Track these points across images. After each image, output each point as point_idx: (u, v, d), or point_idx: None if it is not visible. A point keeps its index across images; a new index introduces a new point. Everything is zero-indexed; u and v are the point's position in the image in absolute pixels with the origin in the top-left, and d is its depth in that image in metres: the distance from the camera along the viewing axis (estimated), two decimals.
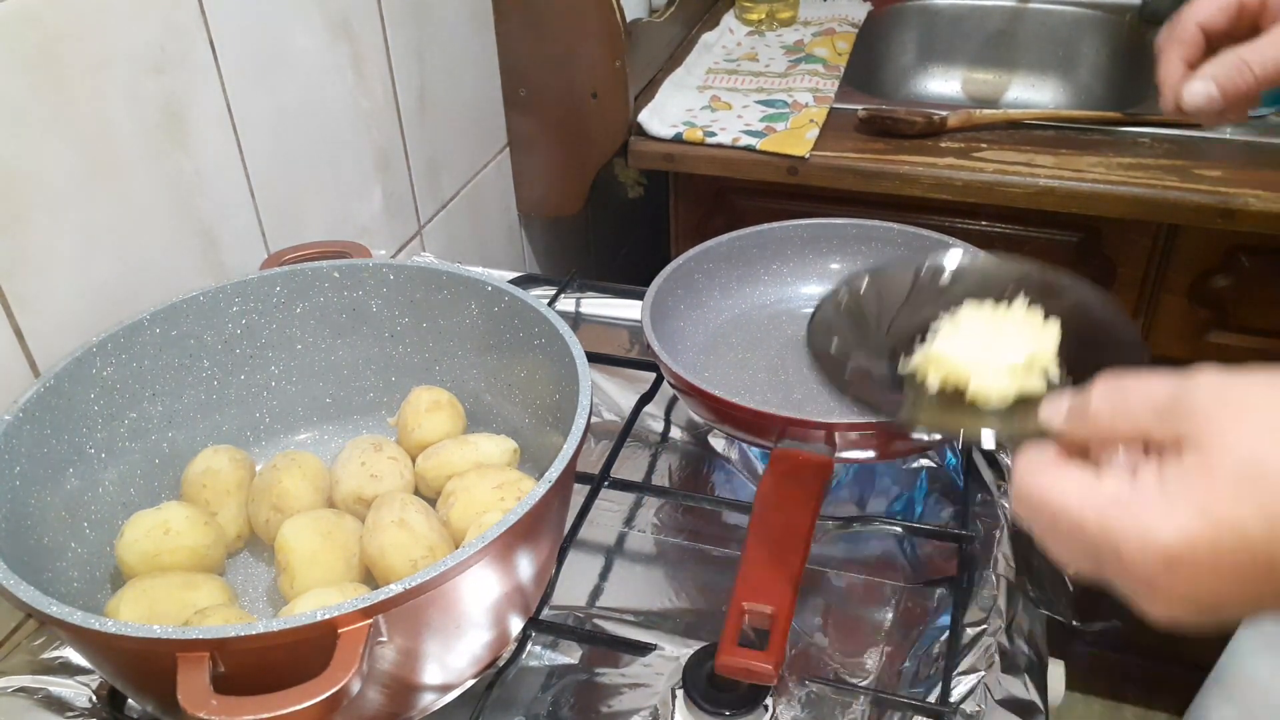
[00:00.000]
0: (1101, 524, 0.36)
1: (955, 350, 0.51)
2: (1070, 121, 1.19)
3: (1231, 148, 1.12)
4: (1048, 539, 0.40)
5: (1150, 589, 0.36)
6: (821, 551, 0.70)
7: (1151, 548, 0.35)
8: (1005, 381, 0.49)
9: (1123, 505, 0.36)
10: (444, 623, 0.51)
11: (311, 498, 0.64)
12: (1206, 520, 0.34)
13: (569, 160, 1.24)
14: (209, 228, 0.79)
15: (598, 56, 1.15)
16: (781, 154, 1.15)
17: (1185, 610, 0.37)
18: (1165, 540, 0.35)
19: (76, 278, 0.68)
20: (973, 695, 0.58)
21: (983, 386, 0.49)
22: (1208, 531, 0.34)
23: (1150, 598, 0.37)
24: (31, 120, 0.63)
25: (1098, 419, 0.39)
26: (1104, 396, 0.40)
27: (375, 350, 0.73)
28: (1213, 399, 0.36)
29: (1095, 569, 0.38)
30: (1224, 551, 0.34)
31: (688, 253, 0.81)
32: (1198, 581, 0.35)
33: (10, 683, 0.60)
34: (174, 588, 0.57)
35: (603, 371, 0.86)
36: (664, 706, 0.58)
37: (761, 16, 1.51)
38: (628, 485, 0.73)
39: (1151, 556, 0.35)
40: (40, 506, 0.57)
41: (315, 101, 0.89)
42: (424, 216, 1.10)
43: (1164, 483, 0.36)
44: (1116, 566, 0.37)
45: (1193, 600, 0.36)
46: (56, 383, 0.59)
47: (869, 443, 0.66)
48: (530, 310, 0.66)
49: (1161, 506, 0.35)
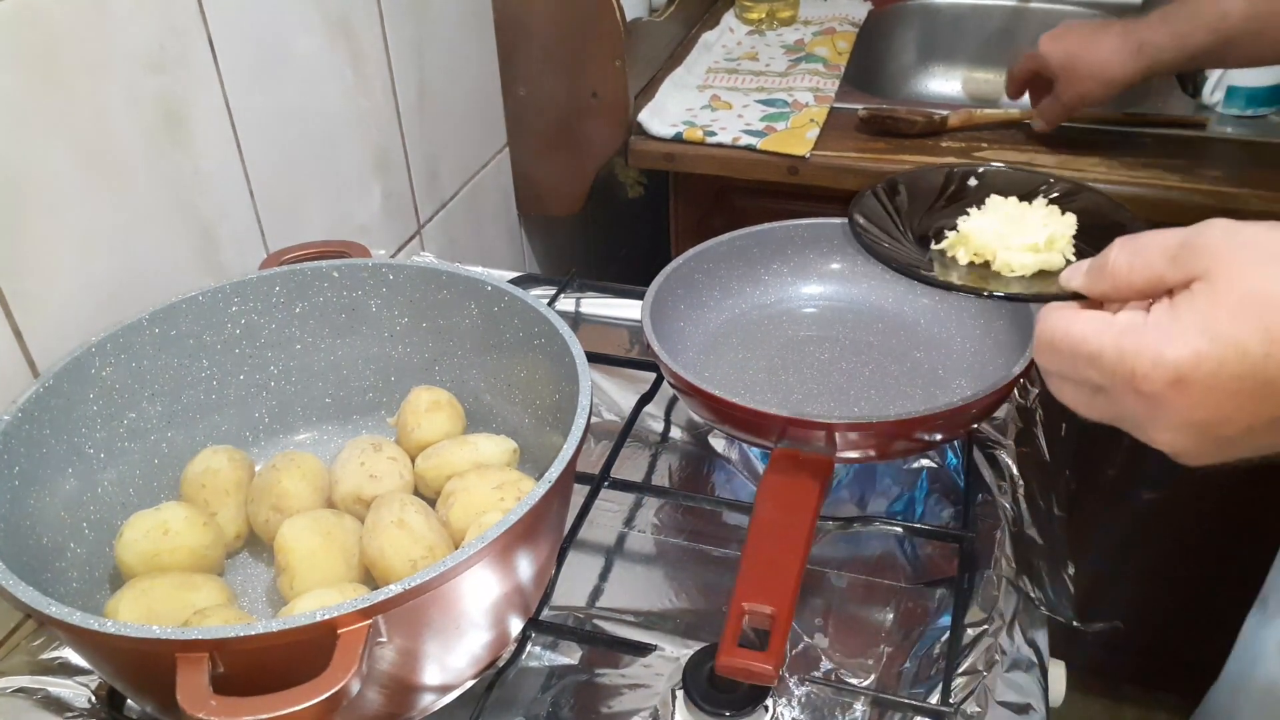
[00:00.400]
0: (1118, 348, 0.40)
1: (982, 230, 0.56)
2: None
3: (1231, 148, 1.12)
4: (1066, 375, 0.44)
5: (1159, 408, 0.40)
6: (821, 551, 0.70)
7: (1162, 366, 0.39)
8: (1028, 257, 0.54)
9: (1137, 331, 0.40)
10: (444, 623, 0.51)
11: (311, 498, 0.64)
12: (1212, 340, 0.38)
13: (569, 160, 1.24)
14: (209, 228, 0.79)
15: (598, 56, 1.15)
16: (782, 154, 1.15)
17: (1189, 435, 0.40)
18: (1174, 358, 0.38)
19: (76, 278, 0.68)
20: (973, 696, 0.58)
21: (1007, 259, 0.54)
22: (1213, 350, 0.38)
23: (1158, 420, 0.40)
24: (31, 120, 0.63)
25: (1115, 270, 0.42)
26: (1121, 250, 0.43)
27: (375, 350, 0.73)
28: (1222, 240, 0.40)
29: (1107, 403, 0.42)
30: (1227, 369, 0.38)
31: (688, 253, 0.81)
32: (1203, 399, 0.39)
33: (10, 683, 0.60)
34: (173, 588, 0.57)
35: (603, 371, 0.86)
36: (664, 707, 0.57)
37: (761, 16, 1.51)
38: (628, 485, 0.73)
39: (1162, 374, 0.39)
40: (39, 506, 0.57)
41: (315, 101, 0.89)
42: (423, 216, 1.10)
43: (1175, 311, 0.39)
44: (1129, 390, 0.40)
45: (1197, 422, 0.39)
46: (56, 383, 0.59)
47: (869, 443, 0.66)
48: (530, 310, 0.66)
49: (1172, 330, 0.39)
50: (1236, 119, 1.16)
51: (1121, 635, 1.40)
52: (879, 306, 0.84)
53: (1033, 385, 0.84)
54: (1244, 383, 0.38)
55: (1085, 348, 0.41)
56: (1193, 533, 1.32)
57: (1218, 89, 1.17)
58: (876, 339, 0.81)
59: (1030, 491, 0.75)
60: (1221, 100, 1.17)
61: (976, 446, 0.76)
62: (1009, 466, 0.75)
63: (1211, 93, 1.17)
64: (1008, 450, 0.76)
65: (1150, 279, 0.41)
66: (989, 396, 0.66)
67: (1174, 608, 1.39)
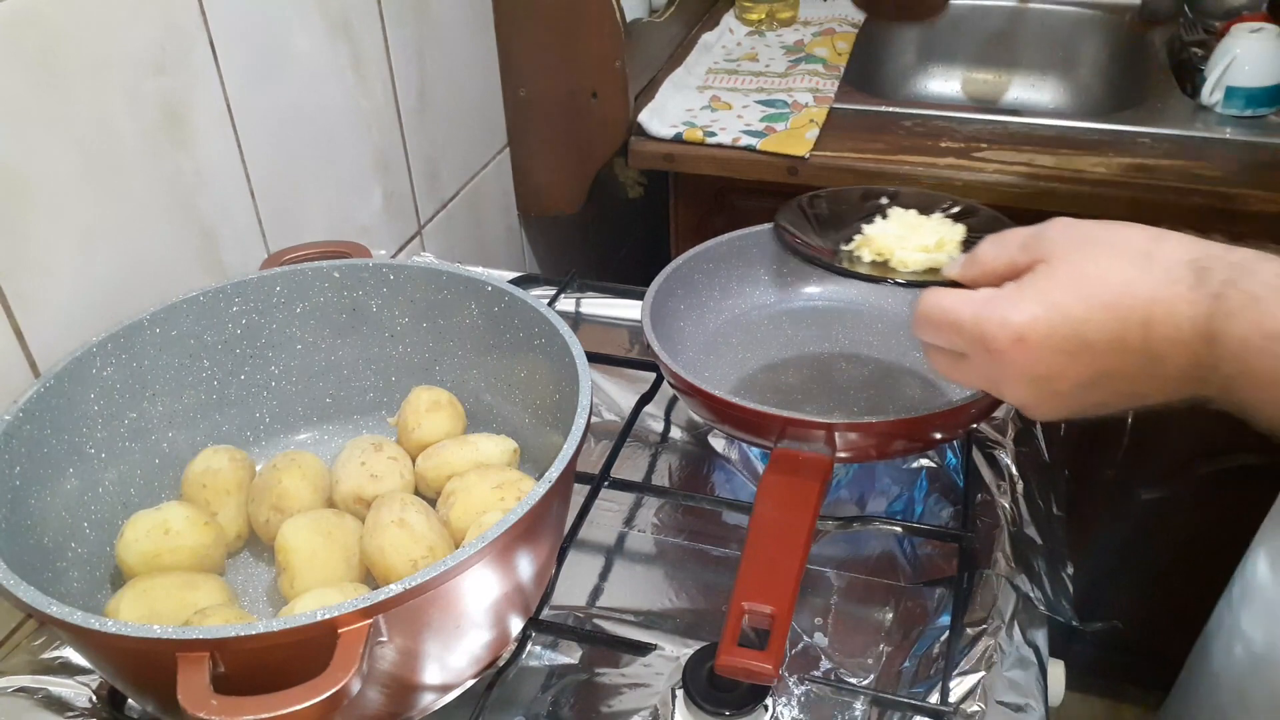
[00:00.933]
0: (974, 316, 0.49)
1: (884, 234, 0.65)
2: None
3: (1231, 148, 1.12)
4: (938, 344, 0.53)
5: (1006, 364, 0.48)
6: (821, 551, 0.70)
7: (1007, 327, 0.47)
8: (920, 255, 0.62)
9: (990, 302, 0.49)
10: (444, 623, 0.51)
11: (311, 498, 0.64)
12: (1046, 307, 0.47)
13: (569, 160, 1.24)
14: (209, 228, 0.79)
15: (598, 56, 1.15)
16: (781, 154, 1.15)
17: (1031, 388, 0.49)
18: (1016, 320, 0.47)
19: (76, 278, 0.68)
20: (973, 695, 0.58)
21: (903, 258, 0.63)
22: (1047, 314, 0.47)
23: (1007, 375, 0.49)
24: (31, 120, 0.63)
25: (983, 259, 0.53)
26: (988, 243, 0.53)
27: (375, 350, 0.73)
28: (1061, 232, 0.50)
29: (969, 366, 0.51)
30: (1057, 330, 0.46)
31: (688, 253, 0.81)
32: (1039, 356, 0.47)
33: (10, 683, 0.60)
34: (174, 588, 0.57)
35: (603, 371, 0.86)
36: (664, 706, 0.58)
37: (761, 16, 1.51)
38: (628, 485, 0.73)
39: (1007, 334, 0.47)
40: (40, 506, 0.57)
41: (315, 102, 0.89)
42: (424, 216, 1.10)
43: (1020, 286, 0.49)
44: (983, 350, 0.49)
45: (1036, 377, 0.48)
46: (56, 383, 0.59)
47: (869, 443, 0.66)
48: (530, 310, 0.66)
49: (1016, 299, 0.48)
50: (1236, 119, 1.16)
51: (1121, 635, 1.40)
52: (879, 306, 0.84)
53: None
54: (1069, 342, 0.46)
55: (950, 317, 0.50)
56: (1193, 533, 1.32)
57: (1217, 89, 1.17)
58: (876, 339, 0.82)
59: (1029, 491, 0.75)
60: (1221, 100, 1.17)
61: (976, 446, 0.76)
62: (1008, 466, 0.75)
63: (1211, 93, 1.17)
64: (1007, 450, 0.76)
65: (1008, 264, 0.51)
66: (988, 396, 0.66)
67: (1174, 608, 1.38)
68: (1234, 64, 1.15)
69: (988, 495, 0.73)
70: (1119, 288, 0.46)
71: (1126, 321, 0.45)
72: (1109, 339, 0.46)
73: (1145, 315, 0.45)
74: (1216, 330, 0.43)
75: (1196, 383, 0.45)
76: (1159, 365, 0.45)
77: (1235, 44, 1.16)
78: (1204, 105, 1.18)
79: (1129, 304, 0.45)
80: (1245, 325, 0.42)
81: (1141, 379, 0.46)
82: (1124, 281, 0.46)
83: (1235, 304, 0.43)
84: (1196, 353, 0.44)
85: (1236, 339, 0.43)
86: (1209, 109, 1.18)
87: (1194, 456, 1.26)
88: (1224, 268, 0.44)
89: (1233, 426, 0.47)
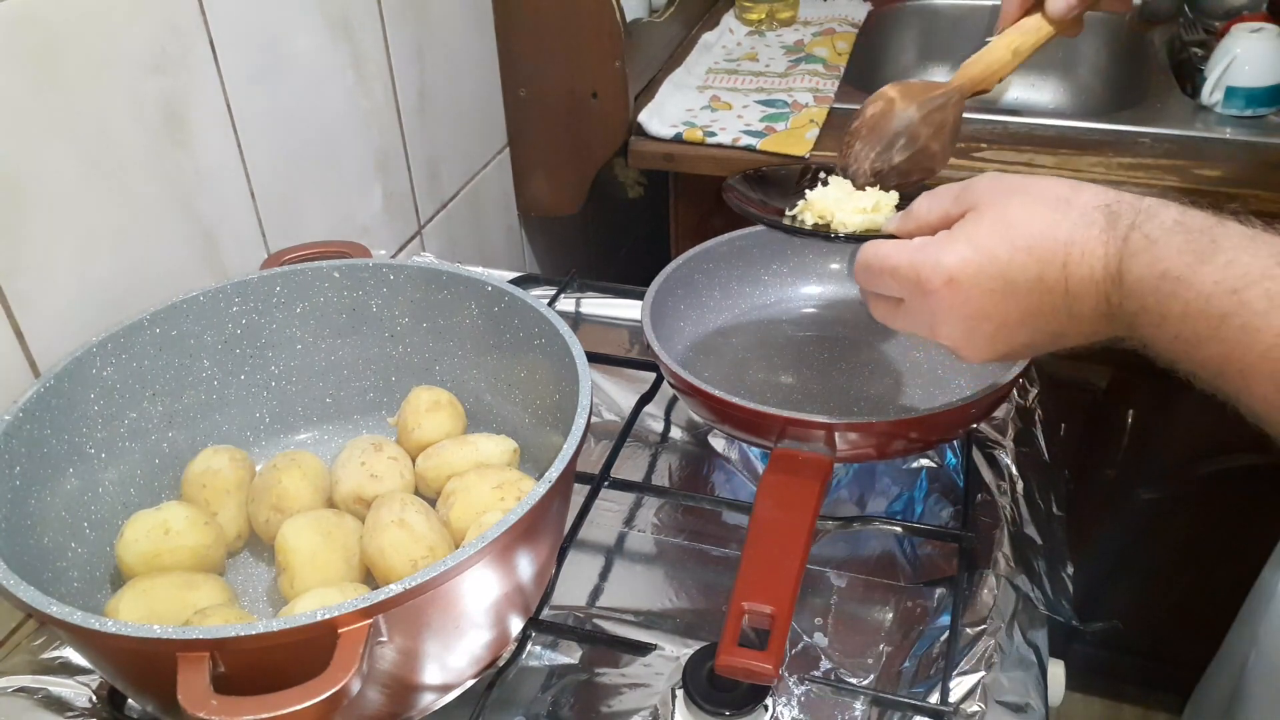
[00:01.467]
0: (910, 261, 0.52)
1: (824, 198, 0.66)
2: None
3: (1231, 148, 1.12)
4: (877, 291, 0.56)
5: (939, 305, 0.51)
6: (821, 551, 0.70)
7: (939, 269, 0.51)
8: (859, 217, 0.64)
9: (924, 247, 0.52)
10: (444, 623, 0.51)
11: (311, 498, 0.64)
12: (975, 250, 0.50)
13: (569, 160, 1.24)
14: (209, 228, 0.79)
15: (598, 56, 1.15)
16: (781, 154, 1.15)
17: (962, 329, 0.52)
18: (948, 262, 0.50)
19: (76, 278, 0.68)
20: (973, 695, 0.58)
21: (843, 219, 0.65)
22: (975, 256, 0.50)
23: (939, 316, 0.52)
24: (31, 120, 0.63)
25: (918, 212, 0.56)
26: (923, 197, 0.56)
27: (375, 350, 0.73)
28: (989, 183, 0.53)
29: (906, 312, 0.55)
30: (984, 270, 0.49)
31: (688, 253, 0.81)
32: (968, 296, 0.50)
33: (10, 683, 0.60)
34: (174, 588, 0.57)
35: (603, 371, 0.86)
36: (664, 706, 0.58)
37: (761, 16, 1.51)
38: (628, 485, 0.73)
39: (939, 275, 0.51)
40: (40, 506, 0.57)
41: (315, 101, 0.89)
42: (424, 216, 1.10)
43: (951, 232, 0.52)
44: (918, 292, 0.52)
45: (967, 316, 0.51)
46: (56, 383, 0.59)
47: (869, 443, 0.66)
48: (530, 310, 0.66)
49: (948, 244, 0.51)
50: (1236, 119, 1.16)
51: (1121, 635, 1.40)
52: None
53: (1032, 385, 0.84)
54: (996, 281, 0.49)
55: (888, 263, 0.53)
56: (1193, 533, 1.32)
57: (1217, 89, 1.17)
58: (876, 339, 0.82)
59: (1029, 491, 0.75)
60: (1221, 100, 1.17)
61: (976, 446, 0.76)
62: (1008, 466, 0.75)
63: (1211, 93, 1.17)
64: (1007, 450, 0.76)
65: (941, 215, 0.54)
66: (988, 397, 0.66)
67: (1173, 608, 1.39)
68: (1234, 64, 1.15)
69: (988, 495, 0.73)
70: (1040, 231, 0.49)
71: (1046, 262, 0.48)
72: (1031, 279, 0.48)
73: (1064, 256, 0.48)
74: (1123, 270, 0.46)
75: (1107, 320, 0.48)
76: (1076, 304, 0.48)
77: (1235, 44, 1.16)
78: (1204, 105, 1.18)
79: (1049, 246, 0.48)
80: (1143, 265, 0.45)
81: (1061, 318, 0.49)
82: (1045, 225, 0.49)
83: (1137, 245, 0.46)
84: (1107, 292, 0.47)
85: (1136, 278, 0.46)
86: (1209, 109, 1.18)
87: (1194, 456, 1.25)
88: (1131, 212, 0.47)
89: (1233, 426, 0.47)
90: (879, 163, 0.66)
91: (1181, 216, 0.46)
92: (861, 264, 0.56)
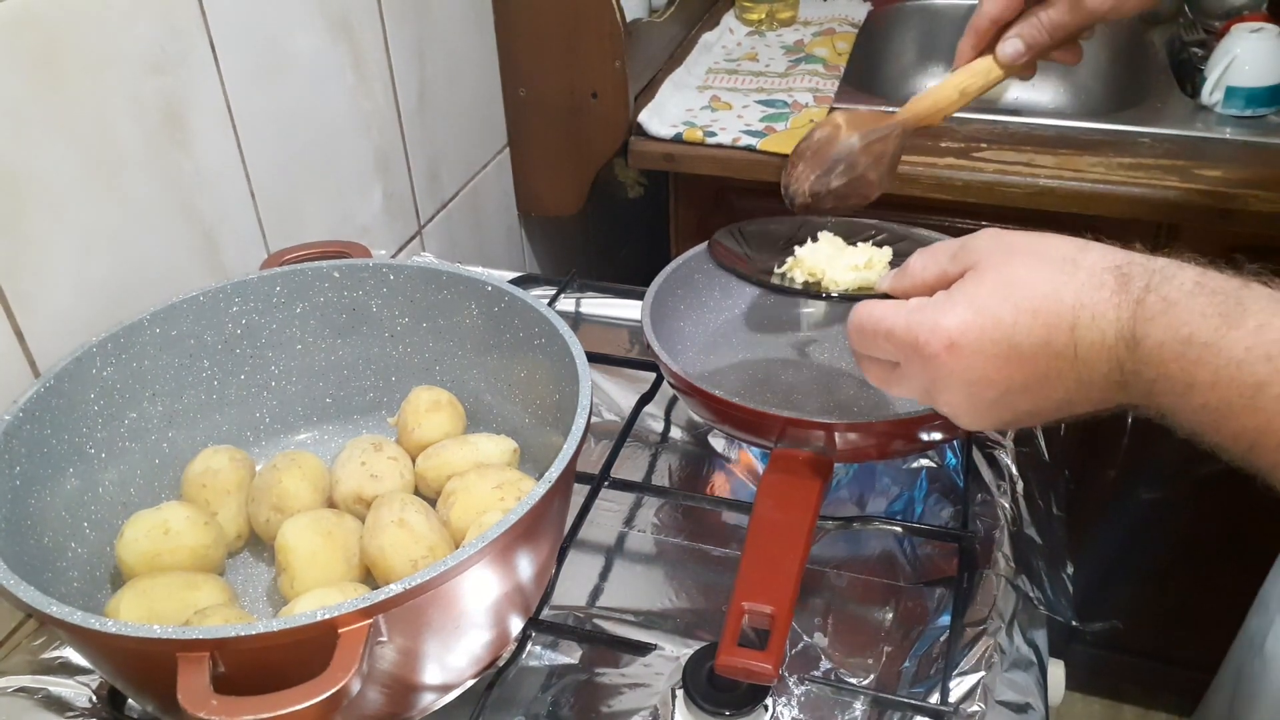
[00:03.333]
0: (906, 323, 0.49)
1: (814, 254, 0.66)
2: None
3: (1231, 148, 1.12)
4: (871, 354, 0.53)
5: (939, 371, 0.48)
6: (821, 551, 0.70)
7: (938, 333, 0.48)
8: (850, 275, 0.64)
9: (921, 309, 0.49)
10: (444, 623, 0.51)
11: (311, 498, 0.64)
12: (976, 312, 0.47)
13: (569, 160, 1.24)
14: (209, 228, 0.79)
15: (598, 56, 1.15)
16: (782, 154, 1.15)
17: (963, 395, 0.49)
18: (948, 326, 0.48)
19: (76, 278, 0.68)
20: (973, 695, 0.58)
21: (834, 277, 0.64)
22: (977, 319, 0.47)
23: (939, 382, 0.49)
24: (31, 120, 0.63)
25: (912, 271, 0.53)
26: (918, 255, 0.54)
27: (375, 350, 0.73)
28: (989, 241, 0.50)
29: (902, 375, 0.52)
30: (987, 334, 0.47)
31: (688, 253, 0.81)
32: (970, 361, 0.47)
33: (10, 683, 0.60)
34: (174, 588, 0.57)
35: (603, 371, 0.86)
36: (664, 706, 0.58)
37: (761, 16, 1.51)
38: (628, 485, 0.73)
39: (939, 339, 0.48)
40: (40, 506, 0.57)
41: (315, 101, 0.89)
42: (424, 216, 1.10)
43: (950, 293, 0.49)
44: (916, 356, 0.49)
45: (968, 382, 0.48)
46: (56, 383, 0.59)
47: (869, 443, 0.66)
48: (530, 310, 0.66)
49: (947, 306, 0.48)
50: (1236, 119, 1.16)
51: (1121, 635, 1.40)
52: None
53: None
54: (999, 346, 0.46)
55: (883, 325, 0.51)
56: (1192, 533, 1.32)
57: (1217, 89, 1.16)
58: None
59: (1029, 491, 0.75)
60: (1221, 100, 1.17)
61: (976, 446, 0.76)
62: (1008, 466, 0.75)
63: (1211, 93, 1.17)
64: (1007, 450, 0.76)
65: (938, 275, 0.51)
66: None
67: (1173, 608, 1.39)
68: (1234, 64, 1.15)
69: (988, 495, 0.73)
70: (1046, 293, 0.46)
71: (1053, 326, 0.45)
72: (1037, 343, 0.46)
73: (1072, 320, 0.45)
74: (1138, 335, 0.43)
75: (1120, 388, 0.45)
76: (1085, 370, 0.45)
77: (1235, 44, 1.16)
78: (1204, 105, 1.18)
79: (1056, 308, 0.45)
80: (1162, 329, 0.43)
81: (1069, 384, 0.46)
82: (1051, 286, 0.46)
83: (1154, 309, 0.43)
84: (1119, 357, 0.44)
85: (1155, 343, 0.43)
86: (1209, 109, 1.18)
87: (1194, 457, 1.24)
88: (1144, 274, 0.45)
89: None
90: (818, 185, 0.67)
91: (1201, 278, 0.43)
92: (855, 326, 0.53)
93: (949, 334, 0.47)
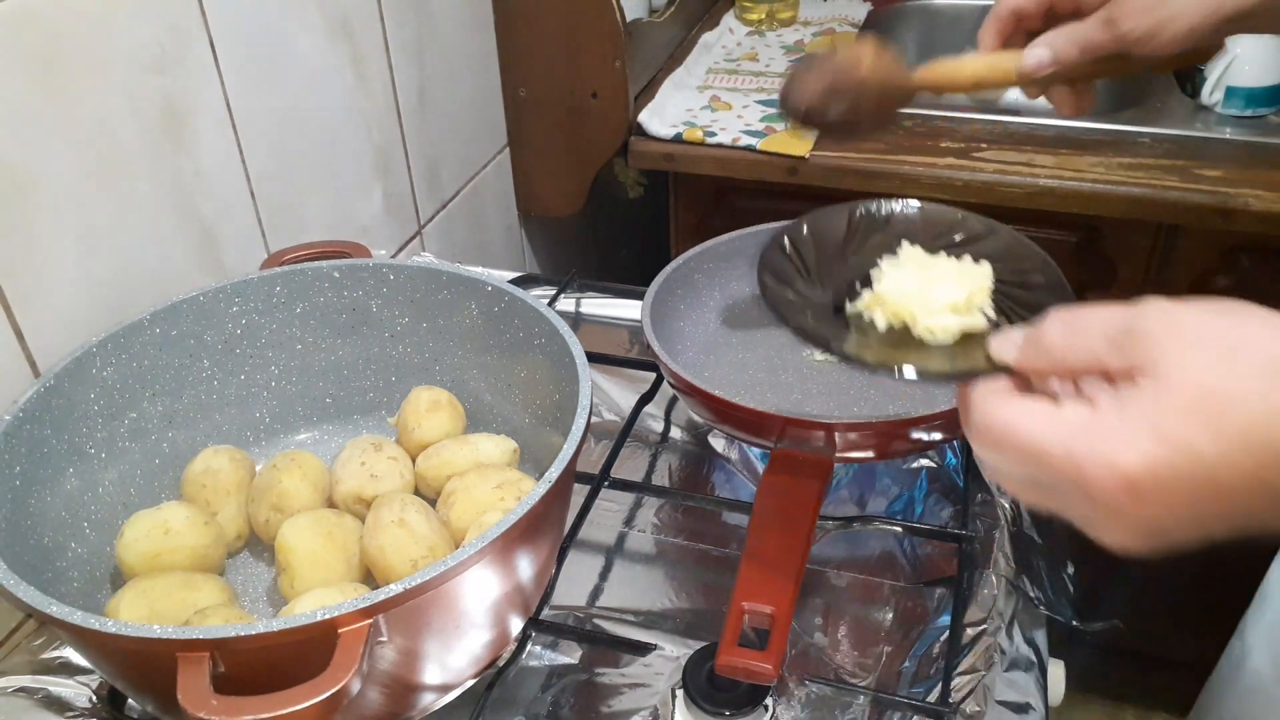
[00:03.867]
0: (1067, 451, 0.38)
1: (899, 289, 0.53)
2: None
3: (1231, 148, 1.12)
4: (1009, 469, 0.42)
5: (1113, 515, 0.38)
6: (821, 551, 0.70)
7: (1116, 473, 0.37)
8: (950, 319, 0.50)
9: (1086, 434, 0.38)
10: (444, 623, 0.51)
11: (311, 498, 0.64)
12: (1165, 445, 0.36)
13: (569, 160, 1.24)
14: (209, 228, 0.79)
15: (598, 56, 1.15)
16: (781, 154, 1.15)
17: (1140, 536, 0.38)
18: (1128, 465, 0.36)
19: (76, 278, 0.68)
20: (973, 695, 0.58)
21: (929, 324, 0.51)
22: (1166, 455, 0.36)
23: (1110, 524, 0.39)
24: (31, 120, 0.63)
25: (1051, 350, 0.41)
26: (1058, 328, 0.41)
27: (375, 350, 0.73)
28: (1165, 329, 0.38)
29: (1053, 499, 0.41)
30: (1181, 474, 0.36)
31: (688, 253, 0.81)
32: (1157, 505, 0.37)
33: (10, 683, 0.60)
34: (174, 588, 0.57)
35: (603, 371, 0.86)
36: (664, 706, 0.58)
37: (761, 16, 1.51)
38: (628, 485, 0.73)
39: (1116, 482, 0.37)
40: (41, 506, 0.57)
41: (315, 101, 0.89)
42: (424, 216, 1.10)
43: (1124, 411, 0.37)
44: (1079, 494, 0.38)
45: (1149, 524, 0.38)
46: (56, 383, 0.59)
47: (869, 443, 0.66)
48: (530, 310, 0.66)
49: (1123, 433, 0.37)
50: (1236, 119, 1.16)
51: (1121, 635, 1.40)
52: None
53: None
54: (1197, 484, 0.36)
55: (1031, 446, 0.39)
56: None
57: (1217, 89, 1.17)
58: None
59: None
60: (1221, 100, 1.17)
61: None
62: None
63: (1211, 93, 1.17)
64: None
65: (1089, 361, 0.40)
66: None
67: (1174, 608, 1.39)
68: (1234, 64, 1.15)
69: (988, 495, 0.73)
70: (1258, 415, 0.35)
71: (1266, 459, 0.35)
72: (1246, 480, 0.36)
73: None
74: None
75: None
76: None
77: (1235, 44, 1.16)
78: (1204, 105, 1.18)
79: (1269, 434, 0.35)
80: None
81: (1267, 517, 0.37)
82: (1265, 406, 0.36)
83: None
84: None
85: None
86: (1209, 109, 1.18)
87: None
88: None
89: None
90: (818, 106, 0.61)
91: None
92: (983, 432, 0.41)
93: (1128, 474, 0.36)
